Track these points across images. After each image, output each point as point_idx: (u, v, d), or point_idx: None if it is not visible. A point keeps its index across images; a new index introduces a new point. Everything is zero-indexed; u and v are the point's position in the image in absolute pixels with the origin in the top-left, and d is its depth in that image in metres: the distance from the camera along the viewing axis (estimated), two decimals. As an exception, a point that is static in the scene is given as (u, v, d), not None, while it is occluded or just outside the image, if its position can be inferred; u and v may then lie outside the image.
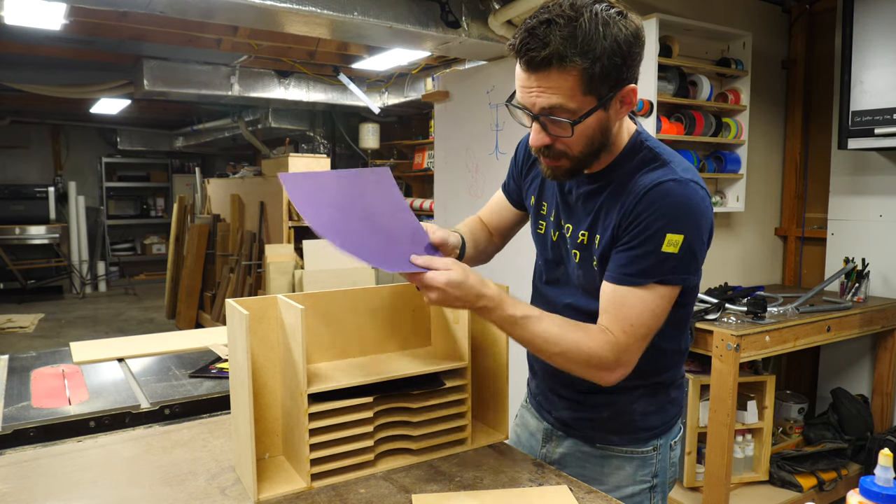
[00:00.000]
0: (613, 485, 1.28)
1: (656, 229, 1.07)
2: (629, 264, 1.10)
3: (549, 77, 1.03)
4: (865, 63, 2.79)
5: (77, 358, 1.76)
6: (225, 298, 1.61)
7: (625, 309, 1.09)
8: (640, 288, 1.09)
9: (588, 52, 1.00)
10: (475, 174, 3.69)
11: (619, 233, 1.13)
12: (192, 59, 5.12)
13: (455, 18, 3.00)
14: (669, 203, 1.08)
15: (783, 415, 3.19)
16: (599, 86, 1.04)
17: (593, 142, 1.11)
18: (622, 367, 1.11)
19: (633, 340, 1.09)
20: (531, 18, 1.03)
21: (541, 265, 1.37)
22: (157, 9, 2.65)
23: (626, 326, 1.09)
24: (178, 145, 9.40)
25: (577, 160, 1.12)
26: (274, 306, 1.16)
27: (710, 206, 1.13)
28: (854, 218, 3.25)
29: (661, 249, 1.07)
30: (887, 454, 0.77)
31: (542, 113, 1.06)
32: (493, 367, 1.31)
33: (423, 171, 6.76)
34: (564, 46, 1.00)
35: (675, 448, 1.33)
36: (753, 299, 2.64)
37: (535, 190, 1.34)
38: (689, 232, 1.08)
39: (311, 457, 1.08)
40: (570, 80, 1.02)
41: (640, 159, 1.15)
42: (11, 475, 1.14)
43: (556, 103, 1.04)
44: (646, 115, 2.70)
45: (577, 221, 1.22)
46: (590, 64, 1.01)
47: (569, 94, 1.03)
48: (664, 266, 1.08)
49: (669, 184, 1.09)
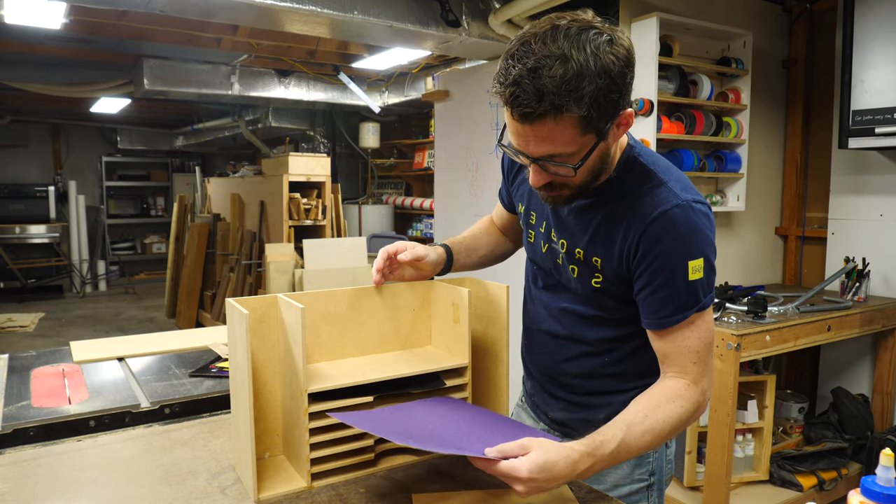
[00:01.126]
0: (611, 484, 1.28)
1: (676, 264, 1.07)
2: (664, 307, 1.09)
3: (544, 126, 0.97)
4: (866, 62, 2.79)
5: (77, 357, 1.76)
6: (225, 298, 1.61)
7: (683, 347, 1.10)
8: (686, 322, 1.09)
9: (583, 97, 0.93)
10: (475, 173, 3.69)
11: (631, 267, 1.11)
12: (192, 59, 5.11)
13: (455, 17, 2.99)
14: (680, 234, 1.07)
15: (783, 414, 3.19)
16: (598, 123, 0.99)
17: (594, 171, 1.09)
18: (710, 389, 1.14)
19: (705, 363, 1.11)
20: (514, 61, 0.96)
21: (534, 270, 1.36)
22: (157, 8, 2.65)
23: (693, 358, 1.10)
24: (179, 144, 9.40)
25: (579, 189, 1.11)
26: (274, 306, 1.16)
27: (712, 218, 1.13)
28: (854, 217, 3.24)
29: (688, 280, 1.07)
30: (888, 454, 0.77)
31: (541, 158, 1.03)
32: (493, 366, 1.31)
33: (423, 171, 6.76)
34: (559, 97, 0.93)
35: (671, 445, 1.33)
36: (754, 299, 2.64)
37: (522, 198, 1.33)
38: (705, 252, 1.08)
39: (312, 456, 1.08)
40: (568, 128, 0.97)
41: (635, 176, 1.14)
42: (11, 474, 1.13)
43: (556, 151, 1.00)
44: (646, 115, 2.70)
45: (572, 237, 1.20)
46: (587, 110, 0.95)
47: (567, 139, 0.99)
48: (697, 293, 1.08)
49: (674, 211, 1.07)
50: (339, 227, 5.85)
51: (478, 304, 1.32)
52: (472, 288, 1.28)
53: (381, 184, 7.77)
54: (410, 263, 1.28)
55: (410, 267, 1.29)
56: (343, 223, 5.93)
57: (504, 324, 1.28)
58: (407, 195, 7.38)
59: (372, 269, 1.27)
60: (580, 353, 1.25)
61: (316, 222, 5.43)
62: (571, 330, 1.26)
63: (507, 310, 1.26)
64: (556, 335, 1.28)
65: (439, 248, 1.34)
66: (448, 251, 1.36)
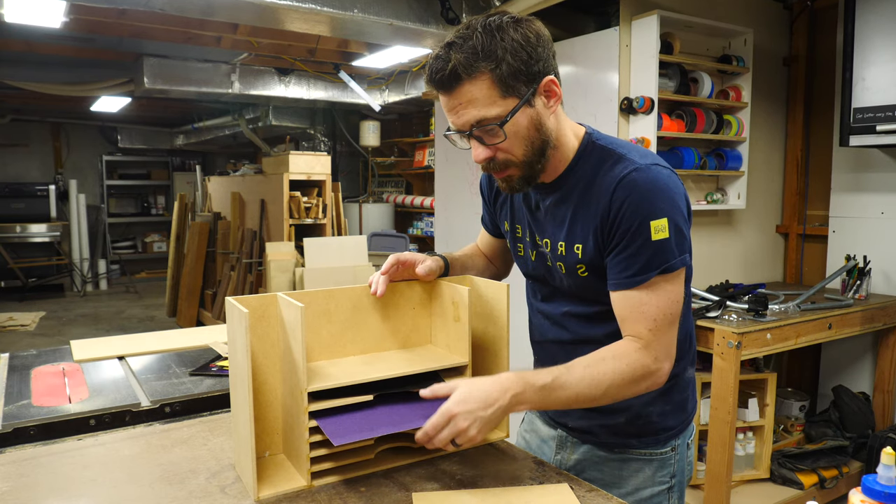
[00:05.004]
0: (633, 487, 1.27)
1: (639, 223, 1.07)
2: (628, 267, 1.09)
3: (462, 91, 1.05)
4: (867, 60, 2.78)
5: (77, 356, 1.76)
6: (225, 296, 1.61)
7: (642, 309, 1.09)
8: (648, 284, 1.08)
9: (490, 55, 1.03)
10: (476, 172, 3.68)
11: (602, 239, 1.12)
12: (192, 57, 5.11)
13: (455, 15, 2.99)
14: (640, 193, 1.07)
15: (784, 412, 3.19)
16: (514, 84, 1.05)
17: (532, 141, 1.10)
18: (665, 361, 1.11)
19: (662, 333, 1.09)
20: (434, 50, 1.09)
21: (531, 284, 1.37)
22: (157, 6, 2.65)
23: (649, 325, 1.09)
24: (179, 143, 9.40)
25: (525, 164, 1.12)
26: (274, 304, 1.16)
27: (678, 181, 1.13)
28: (855, 215, 3.24)
29: (651, 240, 1.07)
30: (890, 452, 0.77)
31: (472, 126, 1.07)
32: (493, 364, 1.31)
33: (423, 169, 6.75)
34: (468, 58, 1.03)
35: (691, 447, 1.33)
36: (755, 297, 2.64)
37: (507, 216, 1.34)
38: (669, 212, 1.07)
39: (312, 455, 1.08)
40: (484, 87, 1.04)
41: (596, 159, 1.15)
42: (11, 473, 1.13)
43: (481, 114, 1.06)
44: (647, 113, 2.69)
45: (553, 234, 1.21)
46: (495, 65, 1.03)
47: (488, 100, 1.05)
48: (662, 254, 1.08)
49: (633, 174, 1.08)
50: (339, 226, 5.85)
51: (478, 302, 1.31)
52: (472, 286, 1.28)
53: (381, 182, 7.77)
54: (420, 277, 1.29)
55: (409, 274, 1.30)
56: (343, 222, 5.93)
57: (504, 322, 1.27)
58: (407, 193, 7.37)
59: (375, 274, 1.26)
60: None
61: (316, 221, 5.43)
62: (577, 332, 1.26)
63: (508, 308, 1.26)
64: (562, 342, 1.28)
65: (439, 259, 1.34)
66: (446, 263, 1.36)
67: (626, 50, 2.76)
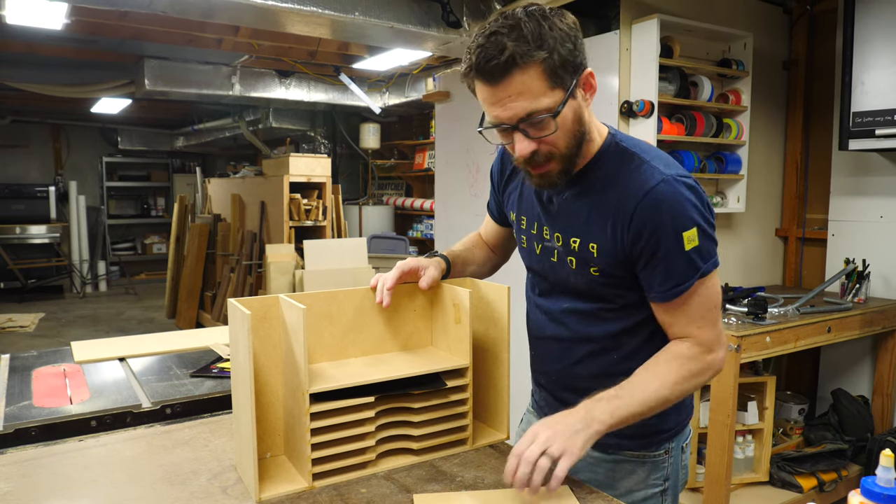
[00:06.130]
0: (625, 489, 1.27)
1: (671, 238, 1.08)
2: (666, 280, 1.11)
3: (513, 83, 1.02)
4: (866, 64, 2.79)
5: (78, 357, 1.76)
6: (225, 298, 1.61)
7: (687, 314, 1.13)
8: (688, 292, 1.11)
9: (543, 44, 1.00)
10: (476, 174, 3.69)
11: (627, 249, 1.12)
12: (193, 59, 5.11)
13: (456, 18, 2.99)
14: (668, 207, 1.08)
15: (783, 415, 3.19)
16: (563, 75, 1.04)
17: (575, 134, 1.11)
18: (718, 350, 1.15)
19: (711, 325, 1.14)
20: (474, 41, 1.04)
21: (532, 278, 1.37)
22: (159, 8, 2.65)
23: (697, 323, 1.13)
24: (179, 145, 9.39)
25: (566, 158, 1.12)
26: (276, 306, 1.16)
27: (701, 188, 1.15)
28: (855, 219, 3.25)
29: (685, 250, 1.09)
30: (889, 455, 0.77)
31: (521, 120, 1.05)
32: (494, 366, 1.31)
33: (423, 171, 6.76)
34: (520, 46, 0.99)
35: (686, 451, 1.33)
36: (754, 300, 2.64)
37: (513, 205, 1.34)
38: (696, 220, 1.10)
39: (313, 456, 1.08)
40: (536, 78, 1.02)
41: (618, 159, 1.16)
42: (13, 474, 1.14)
43: (532, 107, 1.03)
44: (647, 116, 2.70)
45: (566, 229, 1.20)
46: (548, 54, 1.01)
47: (538, 92, 1.03)
48: (696, 261, 1.10)
49: (660, 187, 1.09)
50: (339, 228, 5.85)
51: (479, 304, 1.32)
52: (473, 289, 1.29)
53: (381, 184, 7.78)
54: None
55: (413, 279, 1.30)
56: (343, 224, 5.93)
57: (505, 324, 1.28)
58: (407, 196, 7.38)
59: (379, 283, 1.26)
60: (587, 353, 1.25)
61: (316, 223, 5.43)
62: (575, 330, 1.25)
63: (508, 311, 1.26)
64: (560, 339, 1.28)
65: (440, 260, 1.34)
66: (447, 263, 1.36)
67: (627, 53, 2.77)
